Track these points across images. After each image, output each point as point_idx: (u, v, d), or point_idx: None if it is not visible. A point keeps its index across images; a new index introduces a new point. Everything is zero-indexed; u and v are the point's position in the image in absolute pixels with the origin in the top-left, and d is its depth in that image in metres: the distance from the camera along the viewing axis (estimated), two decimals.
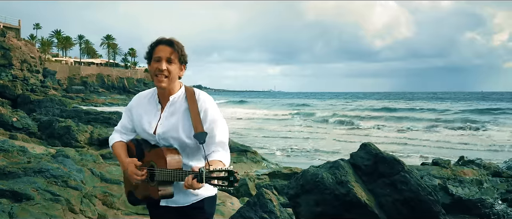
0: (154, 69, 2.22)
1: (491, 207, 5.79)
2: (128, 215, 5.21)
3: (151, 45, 2.27)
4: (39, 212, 4.41)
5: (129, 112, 2.48)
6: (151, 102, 2.38)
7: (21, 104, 27.55)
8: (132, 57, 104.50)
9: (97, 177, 5.88)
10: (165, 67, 2.20)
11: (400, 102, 67.01)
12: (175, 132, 2.25)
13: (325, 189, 4.46)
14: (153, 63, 2.23)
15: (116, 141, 2.52)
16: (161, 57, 2.21)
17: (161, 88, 2.26)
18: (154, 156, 2.26)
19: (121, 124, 2.54)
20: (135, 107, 2.44)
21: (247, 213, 4.20)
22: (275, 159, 13.69)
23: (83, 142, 12.51)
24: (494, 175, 7.03)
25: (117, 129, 2.56)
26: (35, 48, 50.55)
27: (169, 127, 2.27)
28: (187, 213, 2.36)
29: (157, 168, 2.22)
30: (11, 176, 5.00)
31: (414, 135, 22.27)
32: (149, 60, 2.28)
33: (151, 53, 2.25)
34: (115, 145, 2.51)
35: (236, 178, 1.97)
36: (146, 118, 2.36)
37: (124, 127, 2.52)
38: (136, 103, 2.45)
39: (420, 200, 4.38)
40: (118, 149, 2.48)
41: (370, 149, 4.76)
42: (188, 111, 2.26)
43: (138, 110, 2.42)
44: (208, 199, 2.39)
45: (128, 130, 2.50)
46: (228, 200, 6.36)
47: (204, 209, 2.37)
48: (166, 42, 2.23)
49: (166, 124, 2.28)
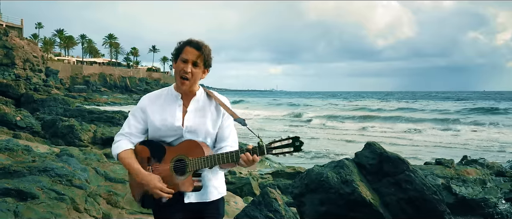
0: (180, 70, 2.31)
1: (494, 206, 5.78)
2: (133, 214, 5.22)
3: (180, 44, 2.34)
4: (44, 211, 4.42)
5: (141, 112, 2.43)
6: (170, 99, 2.41)
7: (24, 103, 27.60)
8: (134, 56, 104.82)
9: (101, 176, 5.89)
10: (190, 70, 2.30)
11: (401, 101, 67.11)
12: (203, 125, 2.35)
13: (330, 188, 4.46)
14: (179, 63, 2.31)
15: (123, 149, 2.41)
16: (188, 60, 2.30)
17: (182, 90, 2.36)
18: (184, 149, 2.29)
19: (130, 127, 2.45)
20: (149, 105, 2.42)
21: (252, 212, 4.20)
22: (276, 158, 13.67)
23: (87, 141, 12.53)
24: (497, 174, 7.02)
25: (124, 134, 2.45)
26: (37, 47, 50.69)
27: (198, 121, 2.36)
28: (204, 212, 2.41)
29: (191, 158, 2.26)
30: (16, 175, 5.01)
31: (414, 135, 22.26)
32: (175, 58, 2.34)
33: (179, 52, 2.32)
34: (123, 154, 2.40)
35: (301, 142, 2.12)
36: (168, 113, 2.37)
37: (134, 128, 2.44)
38: (150, 102, 2.43)
39: (425, 199, 4.38)
40: (128, 158, 2.38)
41: (375, 149, 4.75)
42: (214, 106, 2.41)
43: (153, 108, 2.40)
44: (222, 199, 2.50)
45: (139, 131, 2.44)
46: (232, 199, 6.36)
47: (219, 208, 2.48)
48: (195, 45, 2.31)
49: (194, 118, 2.36)
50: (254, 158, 2.16)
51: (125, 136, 2.45)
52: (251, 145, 2.19)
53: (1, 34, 41.94)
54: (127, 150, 2.40)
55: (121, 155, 2.40)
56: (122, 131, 2.47)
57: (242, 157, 2.16)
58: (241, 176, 8.67)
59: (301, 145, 2.12)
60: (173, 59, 2.39)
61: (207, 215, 2.43)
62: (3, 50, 41.16)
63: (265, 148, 2.14)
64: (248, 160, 2.16)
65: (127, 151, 2.40)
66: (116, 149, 2.43)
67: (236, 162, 2.19)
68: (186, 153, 2.28)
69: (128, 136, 2.44)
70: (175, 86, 2.42)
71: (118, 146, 2.42)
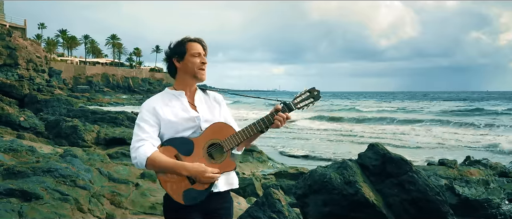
0: (198, 63, 2.38)
1: (497, 207, 5.77)
2: (136, 215, 5.24)
3: (183, 41, 2.41)
4: (48, 212, 4.44)
5: (151, 115, 2.33)
6: (173, 98, 2.42)
7: (28, 103, 27.68)
8: (137, 56, 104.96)
9: (105, 176, 5.91)
10: (206, 61, 2.41)
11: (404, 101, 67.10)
12: (213, 115, 2.43)
13: (333, 189, 4.46)
14: (193, 58, 2.38)
15: (152, 151, 2.25)
16: (200, 53, 2.39)
17: (202, 80, 2.43)
18: (212, 134, 2.33)
19: (145, 132, 2.30)
20: (158, 105, 2.36)
21: (256, 213, 4.21)
22: (280, 158, 13.70)
23: (90, 142, 12.56)
24: (500, 175, 7.00)
25: (143, 138, 2.29)
26: (40, 47, 50.83)
27: (209, 111, 2.44)
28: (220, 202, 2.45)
29: (224, 139, 2.31)
30: (20, 176, 5.04)
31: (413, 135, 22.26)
32: (181, 56, 2.39)
33: (185, 49, 2.39)
34: (155, 155, 2.24)
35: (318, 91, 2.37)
36: (178, 108, 2.37)
37: (151, 131, 2.31)
38: (156, 103, 2.38)
39: (428, 200, 4.38)
40: (163, 157, 2.25)
41: (378, 149, 4.76)
42: (212, 98, 2.51)
43: (163, 107, 2.36)
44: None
45: (156, 132, 2.32)
46: (235, 200, 6.37)
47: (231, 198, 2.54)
48: (199, 41, 2.43)
49: (204, 109, 2.43)
50: (288, 115, 2.32)
51: (146, 139, 2.29)
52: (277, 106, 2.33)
53: (5, 34, 42.06)
54: (156, 151, 2.26)
55: (152, 157, 2.23)
56: (139, 137, 2.30)
57: (277, 117, 2.30)
58: (244, 177, 8.67)
59: (319, 94, 2.36)
60: (175, 57, 2.41)
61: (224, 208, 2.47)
62: (7, 51, 41.27)
63: (292, 105, 2.33)
64: (283, 118, 2.31)
65: (156, 152, 2.26)
66: (143, 155, 2.24)
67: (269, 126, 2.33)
68: (215, 136, 2.32)
69: (149, 139, 2.29)
70: (172, 87, 2.46)
71: (145, 151, 2.25)
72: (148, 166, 2.24)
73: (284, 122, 2.31)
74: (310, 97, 2.35)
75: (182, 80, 2.43)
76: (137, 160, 2.25)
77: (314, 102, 2.35)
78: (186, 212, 2.34)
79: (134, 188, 5.72)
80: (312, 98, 2.35)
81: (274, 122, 2.31)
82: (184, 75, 2.42)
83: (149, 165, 2.24)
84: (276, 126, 2.31)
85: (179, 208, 2.33)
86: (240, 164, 10.68)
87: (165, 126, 2.34)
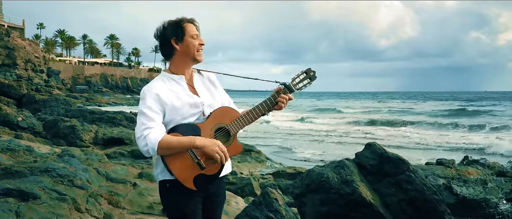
0: (196, 46, 2.34)
1: (495, 206, 5.78)
2: (134, 214, 5.24)
3: (181, 22, 2.34)
4: (46, 211, 4.43)
5: (155, 101, 2.26)
6: (173, 83, 2.36)
7: (26, 103, 27.67)
8: (135, 56, 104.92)
9: (102, 176, 5.91)
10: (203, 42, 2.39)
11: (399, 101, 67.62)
12: (213, 98, 2.45)
13: (330, 189, 4.46)
14: (192, 40, 2.34)
15: (162, 134, 2.20)
16: (198, 34, 2.36)
17: (200, 61, 2.40)
18: (218, 118, 2.34)
19: (151, 119, 2.23)
20: (160, 91, 2.29)
21: (253, 212, 4.22)
22: (277, 158, 13.73)
23: (88, 142, 12.55)
24: (498, 174, 7.01)
25: (151, 125, 2.22)
26: (39, 48, 50.82)
27: (209, 94, 2.44)
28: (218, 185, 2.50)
29: (231, 123, 2.35)
30: (18, 176, 5.03)
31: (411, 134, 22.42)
32: (180, 38, 2.33)
33: (183, 31, 2.33)
34: (166, 138, 2.19)
35: (314, 71, 2.47)
36: (181, 93, 2.33)
37: (157, 118, 2.24)
38: (158, 89, 2.30)
39: (425, 199, 4.38)
40: (173, 137, 2.21)
41: (375, 149, 4.76)
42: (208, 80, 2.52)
43: (165, 92, 2.29)
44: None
45: (161, 119, 2.26)
46: (233, 199, 6.38)
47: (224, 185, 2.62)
48: (193, 22, 2.39)
49: (204, 93, 2.43)
50: (290, 96, 2.41)
51: (152, 126, 2.22)
52: (279, 88, 2.41)
53: (3, 34, 42.03)
54: (165, 134, 2.21)
55: (163, 140, 2.17)
56: (145, 126, 2.22)
57: (280, 99, 2.37)
58: (242, 177, 8.69)
59: (315, 74, 2.46)
60: (173, 39, 2.32)
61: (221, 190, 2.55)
62: (5, 51, 41.23)
63: (292, 86, 2.42)
64: (286, 100, 2.39)
65: (166, 135, 2.21)
66: (154, 139, 2.17)
67: (272, 108, 2.39)
68: (222, 120, 2.34)
69: (156, 126, 2.22)
70: (170, 70, 2.40)
71: (155, 136, 2.18)
72: (160, 149, 2.17)
73: (286, 103, 2.39)
74: (307, 77, 2.45)
75: (181, 62, 2.37)
76: (148, 147, 2.16)
77: (311, 82, 2.45)
78: (187, 197, 2.33)
79: (132, 188, 5.72)
80: (309, 79, 2.45)
81: (277, 103, 2.38)
82: (184, 58, 2.36)
83: (160, 149, 2.17)
84: (279, 108, 2.38)
85: (180, 194, 2.32)
86: (238, 164, 10.68)
87: (169, 113, 2.28)
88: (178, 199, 2.34)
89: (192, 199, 2.34)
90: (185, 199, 2.33)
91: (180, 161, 2.24)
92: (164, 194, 2.39)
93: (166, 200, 2.40)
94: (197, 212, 2.37)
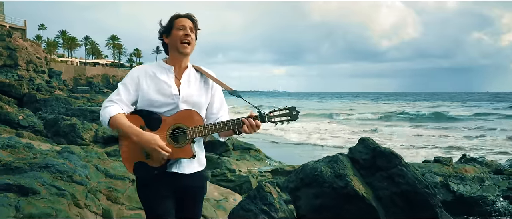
0: (180, 36, 2.38)
1: (492, 204, 5.82)
2: (132, 210, 5.29)
3: (171, 18, 2.44)
4: (45, 206, 4.48)
5: (132, 82, 2.41)
6: (162, 71, 2.44)
7: (27, 103, 27.66)
8: (137, 57, 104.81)
9: (101, 172, 5.96)
10: (190, 33, 2.39)
11: None
12: (197, 96, 2.44)
13: (324, 183, 4.53)
14: (176, 31, 2.39)
15: (118, 112, 2.34)
16: (186, 26, 2.39)
17: (185, 53, 2.42)
18: (182, 118, 2.35)
19: (120, 95, 2.39)
20: (142, 75, 2.41)
21: (248, 206, 4.29)
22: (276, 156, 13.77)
23: (88, 140, 12.59)
24: (495, 172, 7.04)
25: (114, 100, 2.38)
26: (40, 48, 50.81)
27: (193, 92, 2.43)
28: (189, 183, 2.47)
29: (191, 127, 2.33)
30: (18, 171, 5.09)
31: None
32: (168, 31, 2.42)
33: (172, 24, 2.41)
34: (119, 116, 2.33)
35: (298, 111, 2.35)
36: (163, 83, 2.39)
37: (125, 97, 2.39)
38: (142, 73, 2.43)
39: (416, 192, 4.44)
40: (124, 120, 2.32)
41: (368, 144, 4.82)
42: (204, 79, 2.51)
43: (146, 78, 2.40)
44: (204, 172, 2.58)
45: (129, 101, 2.40)
46: (231, 196, 6.45)
47: (203, 179, 2.58)
48: (187, 16, 2.44)
49: (188, 88, 2.42)
50: (257, 123, 2.31)
51: (115, 102, 2.38)
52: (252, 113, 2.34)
53: (5, 35, 42.09)
54: (121, 113, 2.35)
55: (115, 117, 2.32)
56: (111, 99, 2.39)
57: (245, 121, 2.31)
58: (241, 174, 8.74)
59: (297, 114, 2.35)
60: (164, 34, 2.45)
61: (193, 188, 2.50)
62: (7, 52, 41.29)
63: (266, 117, 2.33)
64: (251, 125, 2.31)
65: (121, 114, 2.35)
66: (107, 113, 2.33)
67: (238, 129, 2.33)
68: (184, 122, 2.35)
69: (119, 103, 2.38)
70: (165, 60, 2.50)
71: (110, 110, 2.34)
72: (110, 125, 2.33)
73: (251, 129, 2.31)
74: (288, 115, 2.35)
75: (171, 55, 2.47)
76: (102, 118, 2.36)
77: (290, 121, 2.34)
78: (155, 188, 2.41)
79: (130, 184, 5.77)
80: (289, 117, 2.35)
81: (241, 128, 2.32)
82: (172, 51, 2.45)
83: (112, 125, 2.32)
84: (243, 131, 2.31)
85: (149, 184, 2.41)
86: (237, 162, 10.74)
87: (142, 97, 2.39)
88: (149, 199, 2.44)
89: (163, 199, 2.41)
90: (156, 199, 2.41)
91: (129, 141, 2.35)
92: (138, 191, 2.51)
93: (140, 200, 2.51)
94: (169, 211, 2.42)
